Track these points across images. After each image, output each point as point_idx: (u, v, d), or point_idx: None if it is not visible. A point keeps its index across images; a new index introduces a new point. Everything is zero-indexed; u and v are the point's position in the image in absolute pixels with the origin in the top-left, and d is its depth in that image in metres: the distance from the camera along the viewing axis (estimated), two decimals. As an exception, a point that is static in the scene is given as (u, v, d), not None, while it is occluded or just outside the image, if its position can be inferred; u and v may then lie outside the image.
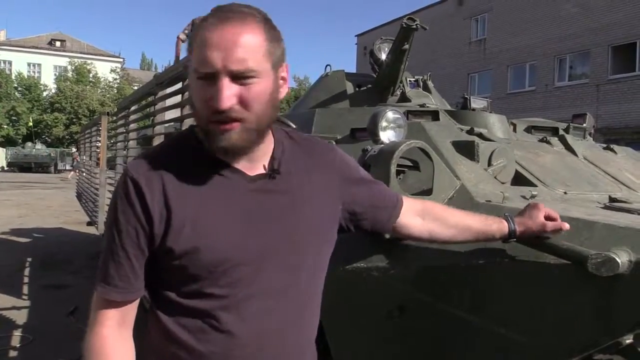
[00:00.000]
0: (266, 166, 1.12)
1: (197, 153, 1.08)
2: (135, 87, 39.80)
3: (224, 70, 0.97)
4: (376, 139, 2.20)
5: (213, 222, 1.04)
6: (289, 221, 1.11)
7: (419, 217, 1.42)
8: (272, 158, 1.13)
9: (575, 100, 19.57)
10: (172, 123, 3.60)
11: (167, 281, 1.08)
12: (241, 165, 1.09)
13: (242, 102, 0.99)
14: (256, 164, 1.11)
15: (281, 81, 1.07)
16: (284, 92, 1.09)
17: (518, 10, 22.55)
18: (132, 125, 4.16)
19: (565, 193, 2.31)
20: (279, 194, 1.11)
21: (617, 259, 1.42)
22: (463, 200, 1.99)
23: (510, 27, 22.91)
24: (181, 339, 1.07)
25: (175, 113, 3.02)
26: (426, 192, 2.05)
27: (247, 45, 0.98)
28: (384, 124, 2.22)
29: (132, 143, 4.14)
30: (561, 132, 3.16)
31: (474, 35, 25.39)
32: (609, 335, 1.46)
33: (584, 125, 3.50)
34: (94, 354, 1.05)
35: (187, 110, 2.51)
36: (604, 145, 3.30)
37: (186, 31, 7.10)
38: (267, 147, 1.13)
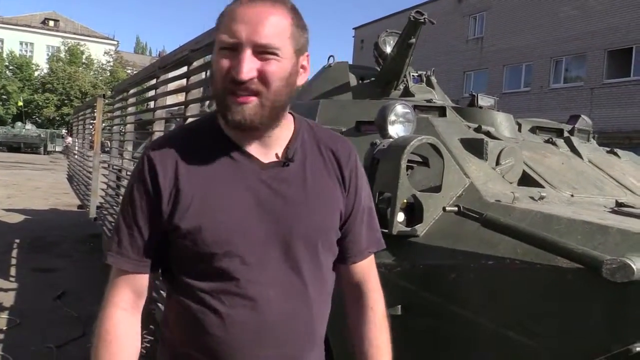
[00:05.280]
0: (280, 154, 1.11)
1: (214, 136, 1.10)
2: (129, 71, 39.51)
3: (247, 42, 0.99)
4: (384, 133, 2.16)
5: (219, 203, 1.05)
6: (297, 212, 1.09)
7: (356, 288, 1.25)
8: (288, 146, 1.12)
9: (569, 103, 19.65)
10: (173, 108, 3.53)
11: (178, 261, 1.10)
12: (255, 150, 1.09)
13: (261, 76, 1.00)
14: (271, 151, 1.11)
15: (301, 69, 1.09)
16: (302, 80, 1.11)
17: (517, 10, 22.55)
18: (131, 109, 4.08)
19: (572, 196, 2.28)
20: (290, 184, 1.10)
21: (633, 265, 1.40)
22: (472, 199, 1.96)
23: (508, 26, 22.92)
24: (189, 322, 1.08)
25: (175, 98, 2.96)
26: (434, 189, 2.02)
27: (274, 24, 1.01)
28: (392, 117, 2.18)
29: (129, 127, 4.06)
30: (566, 134, 3.14)
31: (472, 33, 25.38)
32: (620, 343, 1.44)
33: (578, 126, 3.47)
34: (105, 339, 1.07)
35: (192, 95, 2.45)
36: (608, 149, 3.29)
37: None
38: (283, 134, 1.12)
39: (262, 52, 1.00)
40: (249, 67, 0.98)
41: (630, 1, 18.55)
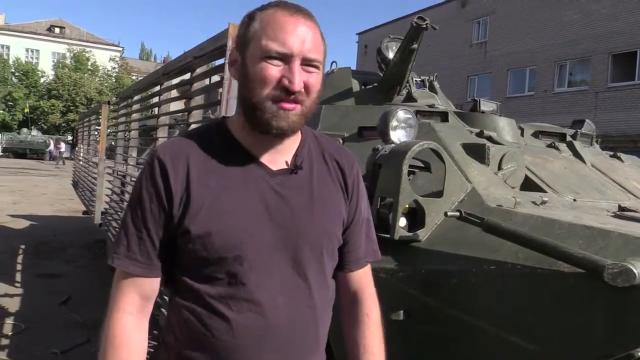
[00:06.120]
0: (289, 162, 1.14)
1: (225, 141, 1.12)
2: (134, 77, 39.61)
3: (299, 55, 1.04)
4: (386, 139, 2.17)
5: (229, 209, 1.06)
6: (304, 219, 1.11)
7: (353, 295, 1.27)
8: (296, 155, 1.15)
9: (573, 107, 19.59)
10: (176, 114, 3.55)
11: (184, 265, 1.10)
12: (265, 157, 1.12)
13: (306, 87, 1.06)
14: (279, 158, 1.13)
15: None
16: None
17: (520, 14, 22.53)
18: (135, 115, 4.10)
19: (574, 200, 2.28)
20: (298, 192, 1.12)
21: (634, 270, 1.40)
22: (474, 203, 1.96)
23: (512, 31, 22.90)
24: (193, 327, 1.08)
25: (179, 105, 2.98)
26: (436, 194, 2.02)
27: (317, 38, 1.07)
28: (394, 123, 2.19)
29: (133, 133, 4.09)
30: (569, 138, 3.14)
31: (475, 37, 25.37)
32: (622, 347, 1.44)
33: (581, 131, 3.47)
34: (113, 344, 1.06)
35: (194, 102, 2.47)
36: (611, 153, 3.28)
37: None
38: (292, 143, 1.16)
39: (308, 64, 1.05)
40: (300, 78, 1.04)
41: (634, 5, 18.52)
